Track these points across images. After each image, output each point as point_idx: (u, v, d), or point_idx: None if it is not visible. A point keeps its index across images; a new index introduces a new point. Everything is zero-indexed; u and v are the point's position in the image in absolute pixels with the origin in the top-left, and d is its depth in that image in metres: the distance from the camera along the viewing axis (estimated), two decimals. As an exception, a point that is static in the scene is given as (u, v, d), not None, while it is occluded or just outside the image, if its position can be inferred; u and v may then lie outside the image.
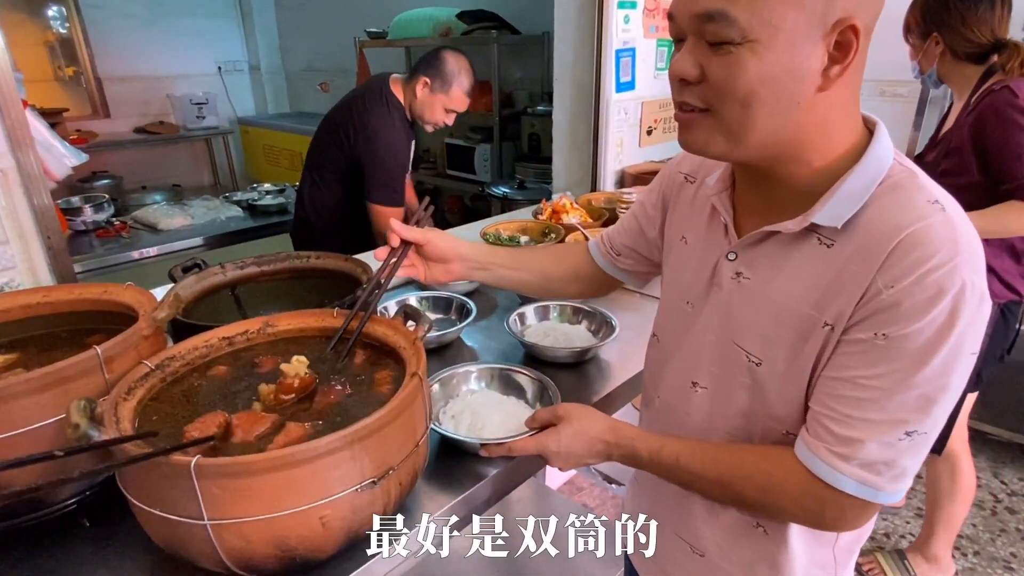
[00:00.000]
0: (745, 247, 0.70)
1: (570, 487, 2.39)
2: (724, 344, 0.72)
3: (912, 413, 0.59)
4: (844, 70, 0.57)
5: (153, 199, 3.32)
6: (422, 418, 0.72)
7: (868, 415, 0.60)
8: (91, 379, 0.70)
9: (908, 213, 0.58)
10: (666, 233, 0.88)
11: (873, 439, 0.60)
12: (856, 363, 0.61)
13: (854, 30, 0.55)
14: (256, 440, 0.66)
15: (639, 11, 2.08)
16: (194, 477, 0.55)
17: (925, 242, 0.56)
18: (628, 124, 2.20)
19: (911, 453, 0.60)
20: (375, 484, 0.64)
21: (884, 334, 0.58)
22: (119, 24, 4.43)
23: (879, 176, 0.61)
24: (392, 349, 0.80)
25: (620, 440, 0.78)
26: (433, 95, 2.01)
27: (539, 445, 0.81)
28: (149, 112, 4.72)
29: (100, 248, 2.47)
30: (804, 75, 0.57)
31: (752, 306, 0.69)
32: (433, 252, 0.92)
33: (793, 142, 0.61)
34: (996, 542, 2.12)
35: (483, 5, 3.51)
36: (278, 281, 1.15)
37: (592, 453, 0.80)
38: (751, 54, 0.56)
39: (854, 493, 0.61)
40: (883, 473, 0.61)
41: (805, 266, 0.64)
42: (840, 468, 0.61)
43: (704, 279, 0.76)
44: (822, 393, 0.64)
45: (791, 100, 0.58)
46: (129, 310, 0.85)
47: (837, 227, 0.61)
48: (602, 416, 0.82)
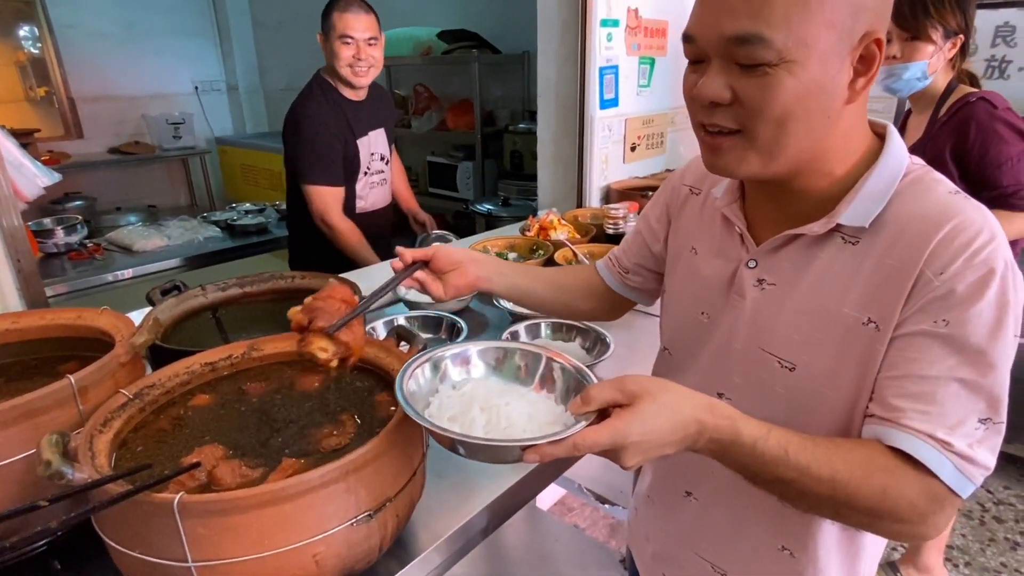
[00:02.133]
0: (765, 254, 0.70)
1: (561, 507, 2.35)
2: (752, 352, 0.71)
3: (984, 400, 0.58)
4: (869, 82, 0.59)
5: (128, 220, 3.24)
6: (419, 444, 0.69)
7: (945, 408, 0.58)
8: (64, 411, 0.66)
9: (938, 205, 0.60)
10: (671, 244, 0.86)
11: (956, 431, 0.58)
12: (921, 356, 0.59)
13: (878, 43, 0.57)
14: (245, 478, 0.62)
15: (621, 29, 2.09)
16: (177, 516, 0.51)
17: (967, 228, 0.58)
18: (612, 140, 2.20)
19: (988, 443, 0.59)
20: (371, 517, 0.60)
21: (945, 320, 0.58)
22: (93, 44, 4.36)
23: (899, 173, 0.63)
24: (386, 372, 0.77)
25: (719, 420, 0.59)
26: (328, 40, 1.96)
27: (615, 433, 0.57)
28: (124, 132, 4.64)
29: (72, 271, 2.40)
30: (835, 90, 0.58)
31: (780, 311, 0.68)
32: (444, 260, 0.87)
33: (817, 153, 0.63)
34: (986, 552, 2.12)
35: (463, 25, 3.53)
36: (262, 303, 1.12)
37: (680, 438, 0.59)
38: (787, 74, 0.56)
39: (950, 483, 0.58)
40: (975, 463, 0.58)
41: (833, 266, 0.65)
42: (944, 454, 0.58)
43: (721, 289, 0.75)
44: (892, 395, 0.60)
45: (824, 115, 0.59)
46: (105, 336, 0.81)
47: (865, 226, 0.62)
48: (687, 389, 0.62)
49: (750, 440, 0.60)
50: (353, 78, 1.99)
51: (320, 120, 1.97)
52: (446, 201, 3.66)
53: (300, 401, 0.75)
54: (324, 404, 0.75)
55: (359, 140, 2.07)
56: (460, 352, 0.74)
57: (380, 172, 2.21)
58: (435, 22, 3.65)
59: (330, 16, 1.94)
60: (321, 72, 2.06)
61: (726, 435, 0.60)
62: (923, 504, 0.59)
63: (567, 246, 1.61)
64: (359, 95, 2.07)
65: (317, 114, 1.98)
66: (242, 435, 0.69)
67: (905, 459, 0.59)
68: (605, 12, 2.00)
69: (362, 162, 2.10)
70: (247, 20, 5.07)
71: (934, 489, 0.59)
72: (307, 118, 1.97)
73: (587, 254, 1.58)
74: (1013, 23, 2.58)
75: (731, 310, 0.74)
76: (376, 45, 2.00)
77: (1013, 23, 2.58)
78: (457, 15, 3.72)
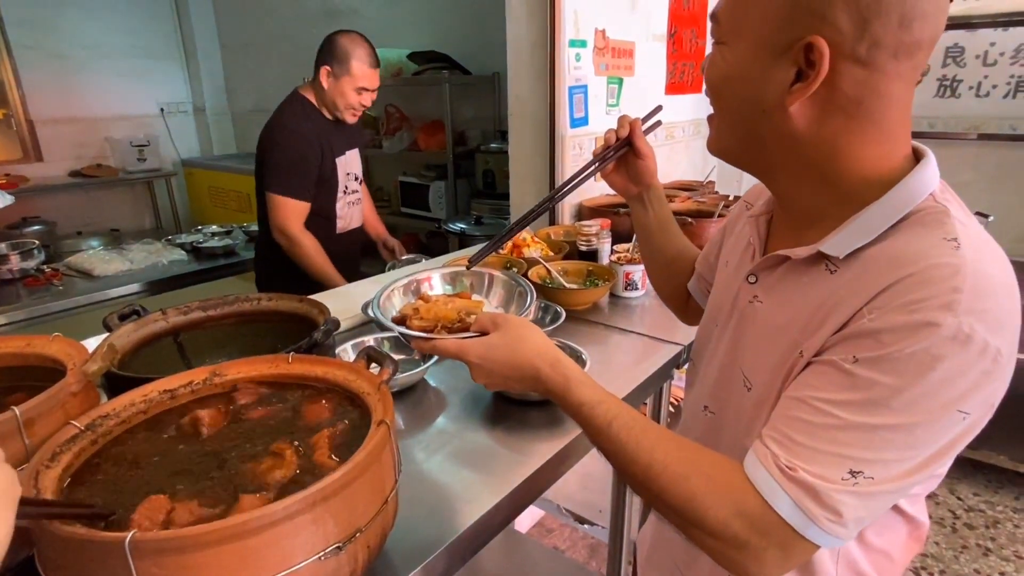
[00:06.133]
0: (763, 271, 0.70)
1: (539, 529, 2.31)
2: (731, 368, 0.71)
3: (864, 452, 0.53)
4: (808, 88, 0.57)
5: (89, 244, 3.14)
6: (391, 471, 0.66)
7: (816, 443, 0.54)
8: (8, 445, 0.62)
9: (915, 249, 0.55)
10: (720, 258, 0.88)
11: (814, 469, 0.54)
12: (818, 383, 0.56)
13: (820, 52, 0.55)
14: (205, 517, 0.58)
15: (589, 50, 2.12)
16: (129, 556, 0.48)
17: (930, 274, 0.52)
18: (583, 159, 2.22)
19: (853, 494, 0.53)
20: (340, 550, 0.57)
21: (856, 357, 0.54)
22: (54, 65, 4.27)
23: (902, 210, 0.58)
24: (354, 395, 0.74)
25: (555, 373, 0.69)
26: (338, 80, 1.98)
27: (460, 348, 0.73)
28: (86, 155, 4.53)
29: (28, 298, 2.30)
30: (765, 84, 0.60)
31: (757, 330, 0.68)
32: (641, 169, 0.95)
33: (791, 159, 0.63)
34: (960, 559, 2.15)
35: (434, 46, 3.55)
36: (226, 326, 1.07)
37: (519, 376, 0.71)
38: (720, 54, 0.64)
39: (786, 516, 0.54)
40: (821, 504, 0.53)
41: (809, 292, 0.63)
42: (781, 483, 0.54)
43: (729, 302, 0.75)
44: (775, 415, 0.59)
45: (753, 106, 0.61)
46: (56, 364, 0.77)
47: (839, 257, 0.60)
48: (546, 341, 0.72)
49: (576, 402, 0.67)
50: (349, 118, 2.07)
51: (299, 133, 1.98)
52: (419, 221, 3.64)
53: (255, 431, 0.72)
54: (281, 431, 0.72)
55: (337, 159, 2.09)
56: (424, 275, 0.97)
57: (355, 192, 2.23)
58: (405, 43, 3.67)
59: (348, 61, 1.96)
60: (300, 90, 2.06)
61: (558, 390, 0.69)
62: (739, 527, 0.56)
63: (540, 263, 1.60)
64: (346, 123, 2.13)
65: (297, 127, 1.98)
66: (194, 471, 0.65)
67: (745, 477, 0.57)
68: (573, 33, 2.03)
69: (340, 181, 2.12)
70: (214, 42, 5.02)
71: (759, 516, 0.55)
72: (285, 128, 1.98)
73: (561, 271, 1.58)
74: (962, 44, 2.70)
75: (731, 324, 0.74)
76: (374, 94, 2.08)
77: (962, 44, 2.70)
78: (427, 37, 3.74)
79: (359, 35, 2.02)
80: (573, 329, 1.43)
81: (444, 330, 0.79)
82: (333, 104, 2.03)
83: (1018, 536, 2.24)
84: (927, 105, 2.82)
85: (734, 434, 0.71)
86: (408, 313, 0.83)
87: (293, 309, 1.07)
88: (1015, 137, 2.67)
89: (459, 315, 0.82)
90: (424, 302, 0.85)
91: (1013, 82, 2.64)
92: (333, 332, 0.97)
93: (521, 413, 1.02)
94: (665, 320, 1.52)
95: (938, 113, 2.80)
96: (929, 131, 2.82)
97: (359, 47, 1.98)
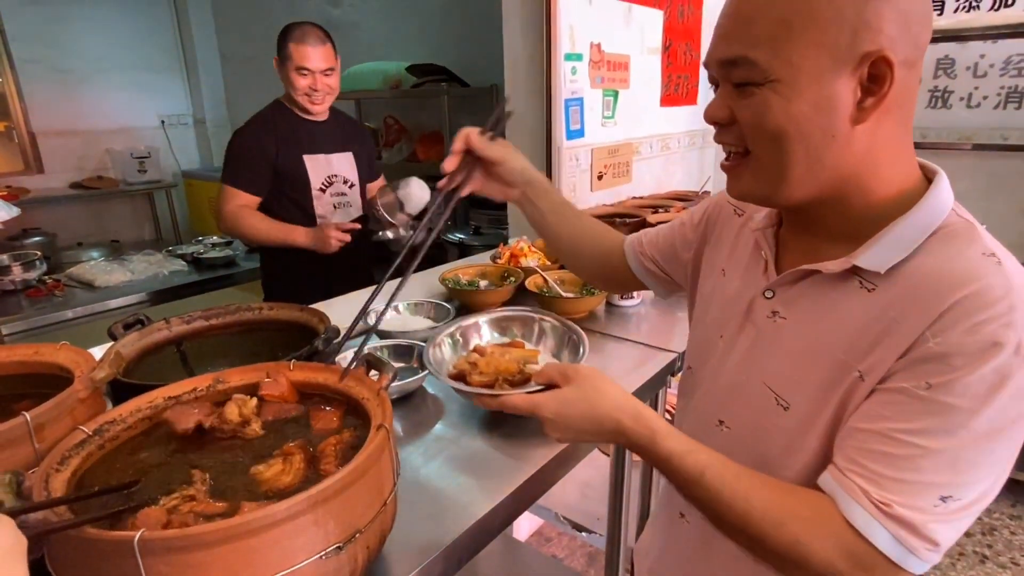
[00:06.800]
0: (783, 285, 0.69)
1: (538, 538, 2.32)
2: (755, 385, 0.70)
3: (951, 476, 0.54)
4: (879, 102, 0.57)
5: (90, 256, 3.17)
6: (389, 474, 0.68)
7: (903, 475, 0.55)
8: (18, 449, 0.64)
9: (962, 267, 0.56)
10: (705, 261, 0.86)
11: (906, 501, 0.55)
12: (893, 414, 0.57)
13: (887, 62, 0.55)
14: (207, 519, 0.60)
15: (585, 63, 2.16)
16: (138, 554, 0.50)
17: (983, 295, 0.54)
18: (580, 170, 2.25)
19: (946, 521, 0.55)
20: (341, 550, 0.59)
21: (928, 383, 0.55)
22: (56, 78, 4.32)
23: (933, 224, 0.59)
24: (355, 401, 0.76)
25: (639, 426, 0.65)
26: (283, 67, 1.99)
27: (532, 404, 0.69)
28: (87, 167, 4.56)
29: (30, 309, 2.32)
30: (834, 108, 0.57)
31: (786, 347, 0.67)
32: (504, 174, 0.91)
33: (837, 180, 0.61)
34: (957, 566, 2.16)
35: (432, 59, 3.59)
36: (228, 335, 1.10)
37: (598, 430, 0.67)
38: (773, 93, 0.58)
39: (886, 551, 0.55)
40: (919, 536, 0.55)
41: (844, 309, 0.62)
42: (877, 518, 0.55)
43: (739, 314, 0.74)
44: (851, 447, 0.59)
45: (824, 133, 0.58)
46: (63, 372, 0.79)
47: (880, 272, 0.60)
48: (621, 391, 0.68)
49: (665, 454, 0.64)
50: (310, 106, 2.03)
51: (252, 130, 2.03)
52: (417, 231, 3.66)
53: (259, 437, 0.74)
54: (280, 439, 0.74)
55: (308, 156, 2.07)
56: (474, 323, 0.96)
57: (343, 195, 2.17)
58: (404, 56, 3.71)
59: (286, 45, 1.95)
60: (281, 98, 2.11)
61: (644, 443, 0.65)
62: (844, 565, 0.56)
63: (538, 272, 1.62)
64: (317, 117, 2.10)
65: (252, 126, 2.04)
66: (197, 474, 0.67)
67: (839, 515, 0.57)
68: (569, 47, 2.06)
69: (312, 179, 2.08)
70: (215, 54, 5.07)
71: (861, 553, 0.56)
72: (240, 130, 2.04)
73: (558, 280, 1.60)
74: (953, 56, 2.75)
75: (743, 339, 0.73)
76: (333, 74, 2.03)
77: (953, 56, 2.75)
78: (426, 50, 3.79)
79: (302, 22, 2.00)
80: (569, 337, 1.45)
81: (506, 384, 0.76)
82: (290, 96, 2.04)
83: (1015, 543, 2.25)
84: (919, 116, 2.85)
85: (760, 451, 0.69)
86: (466, 368, 0.79)
87: (294, 318, 1.09)
88: (1006, 147, 2.71)
89: (519, 367, 0.78)
90: (480, 355, 0.81)
91: (1003, 93, 2.68)
92: (333, 340, 0.99)
93: (517, 420, 1.04)
94: (661, 328, 1.54)
95: (930, 124, 2.84)
96: (922, 141, 2.86)
97: (295, 29, 1.96)
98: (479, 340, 0.90)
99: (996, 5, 2.61)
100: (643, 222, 2.04)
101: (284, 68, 1.99)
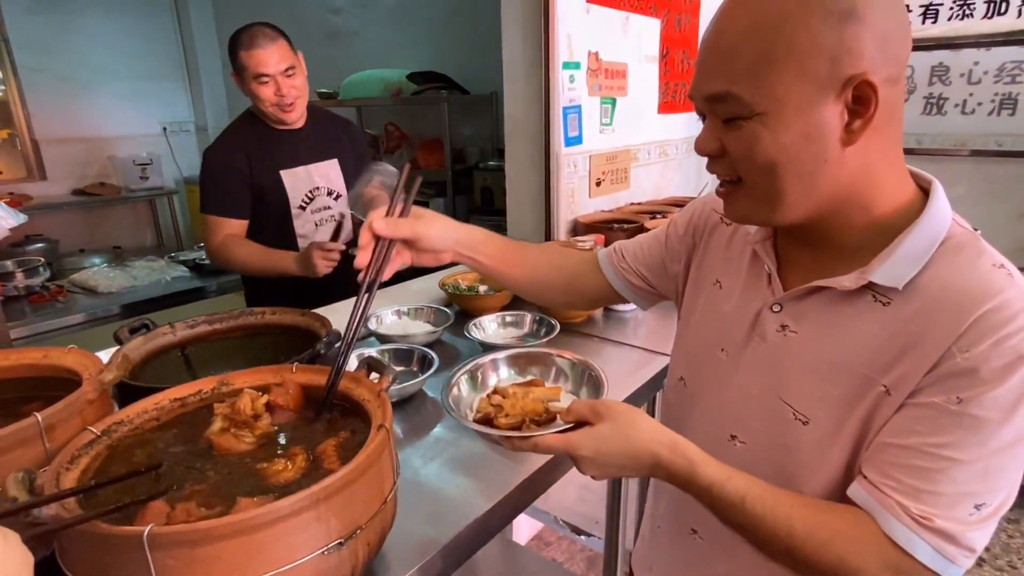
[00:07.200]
0: (791, 299, 0.69)
1: (538, 542, 2.33)
2: (769, 399, 0.70)
3: (983, 485, 0.57)
4: (867, 123, 0.58)
5: (92, 262, 3.19)
6: (390, 473, 0.70)
7: (939, 487, 0.57)
8: (30, 449, 0.66)
9: (978, 281, 0.58)
10: (693, 272, 0.86)
11: (944, 513, 0.57)
12: (925, 429, 0.58)
13: (870, 85, 0.56)
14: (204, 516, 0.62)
15: (583, 71, 2.18)
16: (147, 548, 0.52)
17: (1005, 309, 0.56)
18: (578, 176, 2.27)
19: (980, 527, 0.57)
20: (342, 545, 0.61)
21: (959, 398, 0.56)
22: (58, 86, 4.34)
23: (939, 236, 0.61)
24: (356, 403, 0.78)
25: (676, 457, 0.64)
26: (243, 81, 1.79)
27: (567, 444, 0.67)
28: (89, 174, 4.58)
29: (33, 315, 2.35)
30: (823, 135, 0.58)
31: (802, 362, 0.67)
32: (426, 246, 0.86)
33: (834, 199, 0.62)
34: (954, 570, 2.17)
35: (433, 67, 3.63)
36: (231, 340, 1.12)
37: (634, 464, 0.66)
38: (761, 126, 0.59)
39: (928, 563, 0.57)
40: (958, 546, 0.57)
41: (860, 324, 0.63)
42: (918, 532, 0.57)
43: (743, 328, 0.74)
44: (885, 462, 0.60)
45: (816, 159, 0.59)
46: (72, 375, 0.80)
47: (898, 287, 0.61)
48: (655, 422, 0.68)
49: (706, 483, 0.64)
50: (281, 115, 1.83)
51: (223, 148, 1.87)
52: (418, 237, 3.68)
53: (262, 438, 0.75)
54: (278, 438, 0.75)
55: (283, 171, 1.87)
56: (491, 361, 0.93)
57: (327, 208, 1.96)
58: (405, 64, 3.75)
59: (237, 56, 1.75)
60: (251, 107, 1.93)
61: (683, 473, 0.65)
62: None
63: (536, 278, 1.64)
64: (293, 124, 1.90)
65: (222, 144, 1.89)
66: (204, 474, 0.69)
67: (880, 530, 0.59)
68: (567, 55, 2.09)
69: (291, 196, 1.89)
70: (216, 62, 5.11)
71: (904, 567, 0.58)
72: (210, 150, 1.88)
73: (556, 286, 1.62)
74: (947, 64, 2.77)
75: (751, 352, 0.73)
76: (296, 73, 1.80)
77: (947, 64, 2.77)
78: (427, 57, 3.83)
79: (249, 25, 1.77)
80: (567, 342, 1.47)
81: (533, 424, 0.75)
82: (259, 109, 1.85)
83: (1012, 547, 2.25)
84: (915, 122, 2.88)
85: (783, 465, 0.69)
86: (490, 411, 0.78)
87: (296, 322, 1.11)
88: (1001, 153, 2.73)
89: (544, 406, 0.78)
90: (503, 397, 0.80)
91: (997, 100, 2.71)
92: (334, 344, 1.01)
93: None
94: (659, 332, 1.56)
95: (925, 130, 2.86)
96: (918, 148, 2.88)
97: (241, 35, 1.75)
98: (496, 379, 0.89)
99: (989, 13, 2.64)
100: (641, 227, 2.07)
101: (243, 81, 1.79)
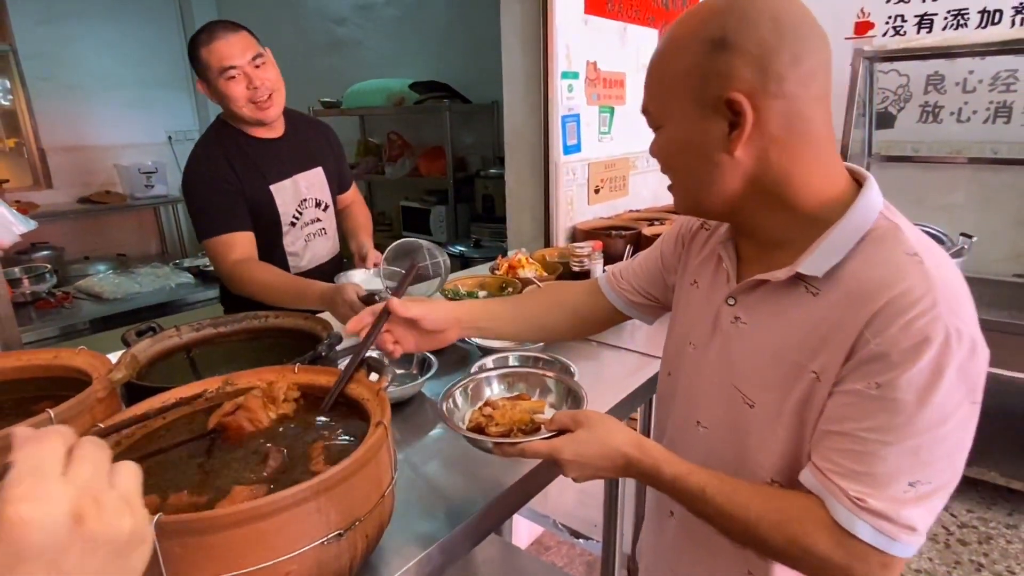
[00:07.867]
0: (742, 293, 0.76)
1: (538, 547, 2.34)
2: (725, 386, 0.77)
3: (914, 462, 0.60)
4: (741, 133, 0.65)
5: (96, 269, 3.23)
6: (388, 468, 0.72)
7: (872, 468, 0.61)
8: (42, 445, 0.68)
9: (888, 269, 0.63)
10: (680, 277, 0.92)
11: (877, 492, 0.61)
12: (853, 414, 0.63)
13: (739, 102, 0.64)
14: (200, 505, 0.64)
15: (581, 81, 2.22)
16: (155, 536, 0.54)
17: (909, 294, 0.60)
18: (577, 184, 2.30)
19: (918, 505, 0.61)
20: (341, 536, 0.63)
21: (877, 383, 0.61)
22: (65, 95, 4.40)
23: (862, 229, 0.66)
24: (355, 402, 0.81)
25: (644, 457, 0.73)
26: (209, 82, 1.61)
27: (552, 449, 0.75)
28: (94, 182, 4.64)
29: (39, 321, 2.38)
30: (704, 143, 0.68)
31: (749, 350, 0.74)
32: (430, 326, 0.94)
33: (747, 195, 0.70)
34: (953, 574, 2.17)
35: (435, 76, 3.67)
36: (235, 342, 1.14)
37: (609, 465, 0.74)
38: (664, 135, 0.74)
39: (870, 541, 0.61)
40: (896, 524, 0.61)
41: (793, 313, 0.70)
42: (857, 513, 0.61)
43: (708, 323, 0.81)
44: (827, 448, 0.65)
45: (706, 161, 0.69)
46: (82, 375, 0.83)
47: (819, 276, 0.66)
48: (625, 427, 0.77)
49: (670, 478, 0.71)
50: (259, 114, 1.63)
51: (203, 165, 1.65)
52: (419, 244, 3.72)
53: (265, 436, 0.78)
54: (271, 439, 0.78)
55: (273, 186, 1.69)
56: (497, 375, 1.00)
57: (317, 221, 1.82)
58: (407, 74, 3.80)
59: (198, 57, 1.58)
60: (221, 115, 1.72)
61: (650, 471, 0.73)
62: (840, 556, 0.62)
63: (535, 283, 1.67)
64: (273, 131, 1.72)
65: (202, 159, 1.66)
66: (208, 469, 0.71)
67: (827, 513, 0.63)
68: (566, 65, 2.13)
69: (282, 212, 1.72)
70: (222, 72, 5.17)
71: (851, 545, 0.62)
72: (191, 171, 1.66)
73: (554, 291, 1.64)
74: (942, 72, 2.81)
75: (714, 344, 0.80)
76: (265, 64, 1.64)
77: (942, 72, 2.81)
78: (428, 67, 3.88)
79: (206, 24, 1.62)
80: (565, 346, 1.49)
81: (520, 433, 0.84)
82: (232, 113, 1.65)
83: (1010, 552, 2.26)
84: (911, 130, 2.91)
85: (739, 448, 0.76)
86: (482, 421, 0.87)
87: (298, 326, 1.14)
88: (997, 161, 2.76)
89: (530, 416, 0.87)
90: (493, 409, 0.89)
91: (992, 108, 2.74)
92: (335, 346, 1.03)
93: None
94: (656, 337, 1.58)
95: (922, 138, 2.89)
96: (915, 155, 2.91)
97: (199, 34, 1.60)
98: (490, 392, 0.98)
99: (983, 23, 2.68)
100: (639, 234, 2.10)
101: (211, 84, 1.61)
